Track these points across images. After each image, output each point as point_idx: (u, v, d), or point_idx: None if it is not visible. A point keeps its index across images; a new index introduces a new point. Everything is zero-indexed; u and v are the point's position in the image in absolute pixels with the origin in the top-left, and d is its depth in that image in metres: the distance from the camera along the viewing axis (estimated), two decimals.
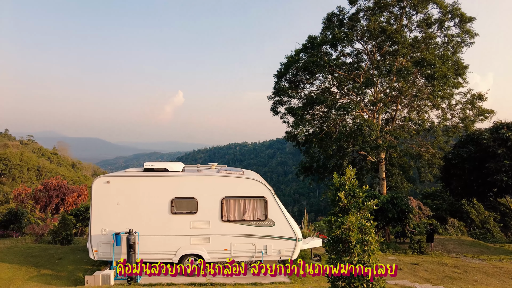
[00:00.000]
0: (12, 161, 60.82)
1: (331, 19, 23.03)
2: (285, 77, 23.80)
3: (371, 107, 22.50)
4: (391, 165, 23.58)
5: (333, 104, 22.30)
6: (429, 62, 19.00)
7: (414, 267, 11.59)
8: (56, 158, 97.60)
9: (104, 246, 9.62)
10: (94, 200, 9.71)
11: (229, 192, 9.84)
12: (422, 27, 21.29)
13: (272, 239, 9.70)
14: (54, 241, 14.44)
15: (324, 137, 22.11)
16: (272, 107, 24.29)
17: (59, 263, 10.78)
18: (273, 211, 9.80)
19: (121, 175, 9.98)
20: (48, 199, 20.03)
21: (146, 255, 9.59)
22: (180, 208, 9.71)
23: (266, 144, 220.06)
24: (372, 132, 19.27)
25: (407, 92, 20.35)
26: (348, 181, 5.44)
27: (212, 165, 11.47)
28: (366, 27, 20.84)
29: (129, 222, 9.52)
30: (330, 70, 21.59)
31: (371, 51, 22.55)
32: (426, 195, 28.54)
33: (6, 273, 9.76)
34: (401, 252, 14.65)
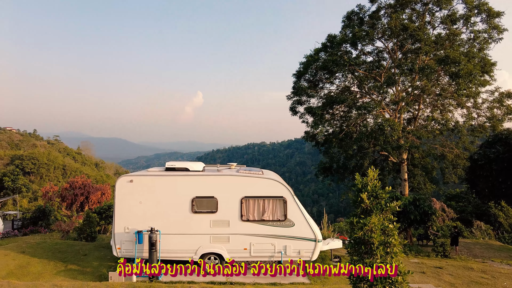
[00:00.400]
0: (40, 160, 63.38)
1: (351, 18, 22.69)
2: (304, 76, 23.62)
3: (393, 106, 22.00)
4: (413, 165, 22.99)
5: (354, 104, 21.94)
6: (453, 60, 18.38)
7: (438, 271, 11.26)
8: (80, 158, 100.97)
9: (127, 243, 9.87)
10: (117, 199, 9.98)
11: (248, 192, 9.89)
12: (446, 24, 20.62)
13: (292, 240, 9.68)
14: (79, 238, 14.95)
15: (344, 137, 21.81)
16: (291, 107, 24.15)
17: (84, 259, 11.16)
18: (293, 212, 9.77)
19: (144, 174, 10.21)
20: (73, 197, 20.74)
21: (167, 253, 9.78)
22: (200, 207, 9.84)
23: (284, 144, 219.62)
24: (393, 132, 18.85)
25: (430, 91, 19.77)
26: (371, 182, 5.36)
27: (232, 165, 11.57)
28: (387, 25, 20.41)
29: (151, 220, 9.74)
30: (350, 69, 21.29)
31: (393, 49, 22.07)
32: (450, 197, 27.65)
33: (36, 267, 10.21)
34: (424, 255, 14.26)
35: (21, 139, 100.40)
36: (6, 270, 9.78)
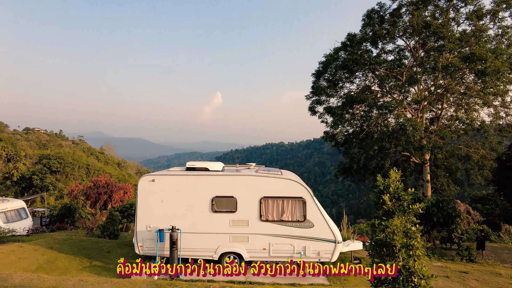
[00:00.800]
0: (65, 160, 65.76)
1: (371, 16, 22.33)
2: (323, 76, 23.46)
3: (415, 105, 21.47)
4: (436, 166, 22.36)
5: (374, 103, 21.59)
6: (479, 57, 17.76)
7: (463, 276, 10.90)
8: (103, 157, 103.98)
9: (148, 241, 10.09)
10: (139, 198, 10.21)
11: (267, 192, 9.91)
12: (471, 20, 19.95)
13: (311, 241, 9.63)
14: (103, 235, 15.40)
15: (365, 137, 21.49)
16: (310, 107, 24.02)
17: (108, 256, 11.51)
18: (312, 212, 9.72)
19: (165, 174, 10.41)
20: (97, 195, 21.39)
21: (187, 252, 9.93)
22: (220, 207, 9.95)
23: (303, 144, 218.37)
24: (416, 132, 18.42)
25: (454, 89, 19.20)
26: (393, 183, 5.28)
27: (251, 165, 11.63)
28: (409, 22, 19.96)
29: (172, 219, 9.92)
30: (370, 68, 20.97)
31: (414, 48, 21.55)
32: (475, 199, 26.66)
33: (63, 263, 10.62)
34: (448, 258, 13.83)
35: (48, 139, 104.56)
36: (36, 265, 10.23)
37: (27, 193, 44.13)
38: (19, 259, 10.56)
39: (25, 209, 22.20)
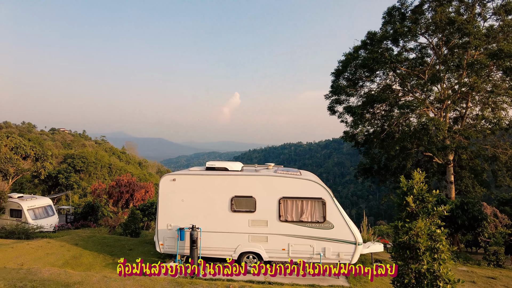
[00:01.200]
0: (88, 159, 67.86)
1: (392, 13, 21.85)
2: (343, 75, 23.14)
3: (438, 104, 20.84)
4: (461, 167, 21.62)
5: (396, 102, 21.12)
6: (508, 54, 17.05)
7: (491, 282, 10.50)
8: (125, 157, 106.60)
9: (169, 240, 10.27)
10: (160, 197, 10.41)
11: (286, 193, 9.88)
12: (499, 15, 19.16)
13: (331, 242, 9.53)
14: (125, 233, 15.79)
15: (386, 137, 21.05)
16: (329, 107, 23.74)
17: (130, 254, 11.79)
18: (332, 214, 9.62)
19: (186, 174, 10.56)
20: (119, 194, 21.95)
21: (207, 251, 10.04)
22: (239, 206, 10.01)
23: (321, 144, 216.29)
24: (439, 132, 17.89)
25: (480, 87, 18.48)
26: (417, 185, 5.16)
27: (269, 165, 11.63)
28: (432, 19, 19.39)
29: (192, 218, 10.06)
30: (391, 66, 20.53)
31: (437, 45, 20.92)
32: (503, 202, 25.54)
33: (88, 259, 10.97)
34: (474, 263, 13.37)
35: (73, 139, 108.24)
36: (62, 260, 10.62)
37: (53, 191, 45.87)
38: (46, 254, 10.99)
39: (51, 206, 23.08)
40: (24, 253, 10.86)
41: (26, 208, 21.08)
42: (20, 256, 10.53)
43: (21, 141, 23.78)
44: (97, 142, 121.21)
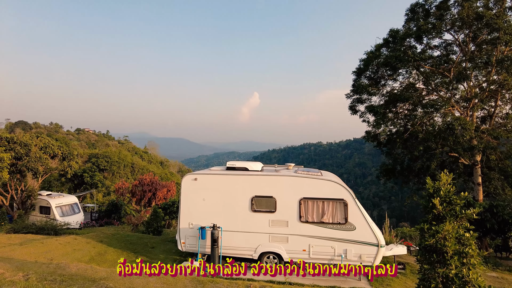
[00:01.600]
0: (112, 158, 69.79)
1: (415, 10, 21.21)
2: (364, 74, 22.68)
3: (464, 103, 20.06)
4: (489, 168, 20.72)
5: (419, 101, 20.49)
6: None
7: None
8: (147, 156, 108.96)
9: (191, 238, 10.43)
10: (182, 196, 10.60)
11: (307, 193, 9.82)
12: None
13: (353, 244, 9.39)
14: (147, 231, 16.15)
15: (409, 137, 20.47)
16: (350, 106, 23.33)
17: (152, 251, 12.06)
18: (354, 215, 9.48)
19: (206, 173, 10.70)
20: (142, 193, 22.45)
21: (228, 250, 10.13)
22: (259, 206, 10.03)
23: (342, 144, 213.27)
24: (465, 132, 17.23)
25: (510, 85, 17.65)
26: (444, 187, 5.00)
27: (290, 165, 11.59)
28: (458, 15, 18.68)
29: (213, 217, 10.18)
30: (415, 64, 19.93)
31: (464, 42, 20.14)
32: None
33: (112, 256, 11.31)
34: (504, 269, 12.81)
35: (97, 139, 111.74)
36: (88, 256, 11.00)
37: (78, 190, 47.53)
38: (74, 250, 11.41)
39: (77, 204, 23.94)
40: (53, 249, 11.32)
41: (54, 205, 21.97)
42: (50, 251, 10.99)
43: (50, 141, 24.78)
44: (120, 142, 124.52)
